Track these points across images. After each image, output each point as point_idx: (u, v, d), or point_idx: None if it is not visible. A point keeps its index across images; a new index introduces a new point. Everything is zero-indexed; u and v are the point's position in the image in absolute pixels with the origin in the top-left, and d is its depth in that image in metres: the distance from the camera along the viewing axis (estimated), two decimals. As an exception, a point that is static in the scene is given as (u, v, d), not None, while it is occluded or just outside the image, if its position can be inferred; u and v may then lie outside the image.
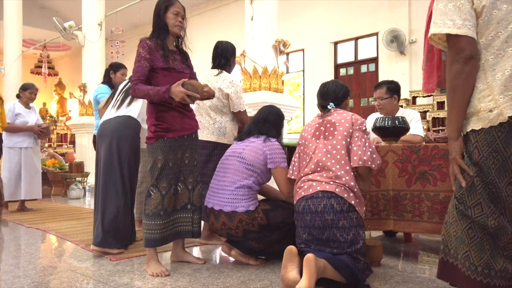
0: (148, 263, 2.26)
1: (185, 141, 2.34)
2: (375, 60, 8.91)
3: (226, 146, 2.95)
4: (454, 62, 1.31)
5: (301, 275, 1.79)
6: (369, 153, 2.03)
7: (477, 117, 1.32)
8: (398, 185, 2.42)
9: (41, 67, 12.67)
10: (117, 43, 8.42)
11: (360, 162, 2.01)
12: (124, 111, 2.83)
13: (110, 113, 2.87)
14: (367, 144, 2.06)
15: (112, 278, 2.15)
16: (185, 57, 2.45)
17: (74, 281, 2.11)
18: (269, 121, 2.52)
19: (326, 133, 2.14)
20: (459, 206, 1.40)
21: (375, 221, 2.47)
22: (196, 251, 2.82)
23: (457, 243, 1.39)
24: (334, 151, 2.06)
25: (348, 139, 2.08)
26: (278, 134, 2.53)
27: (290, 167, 2.29)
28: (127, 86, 2.92)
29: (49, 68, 13.51)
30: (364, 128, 2.11)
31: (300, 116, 10.50)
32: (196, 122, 2.44)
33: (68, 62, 15.46)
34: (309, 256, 1.77)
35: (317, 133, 2.18)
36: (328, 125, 2.16)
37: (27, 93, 4.77)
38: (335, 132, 2.11)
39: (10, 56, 9.86)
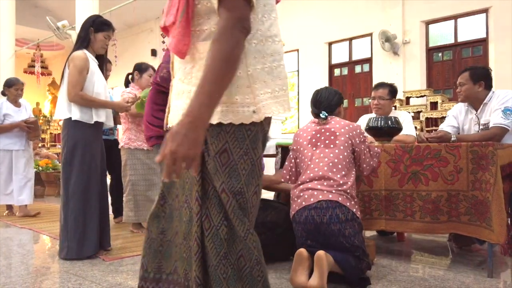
0: None
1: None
2: (369, 60, 8.96)
3: None
4: (236, 28, 0.97)
5: (310, 278, 1.83)
6: (375, 159, 2.21)
7: (229, 109, 1.04)
8: (390, 184, 2.44)
9: (34, 66, 12.59)
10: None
11: (370, 170, 2.20)
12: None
13: None
14: (371, 152, 2.19)
15: (105, 279, 2.15)
16: None
17: (67, 282, 2.10)
18: None
19: (327, 141, 2.14)
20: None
21: (367, 220, 2.48)
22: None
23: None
24: (336, 160, 2.07)
25: (350, 149, 2.13)
26: None
27: (286, 171, 2.27)
28: None
29: (42, 67, 13.43)
30: (363, 139, 2.18)
31: (294, 116, 10.51)
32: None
33: (62, 61, 15.32)
34: (320, 253, 1.81)
35: (314, 140, 2.17)
36: (327, 134, 2.16)
37: (12, 90, 4.41)
38: (337, 141, 2.12)
39: (3, 55, 9.78)
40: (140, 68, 3.63)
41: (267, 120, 1.10)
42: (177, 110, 1.12)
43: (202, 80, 0.95)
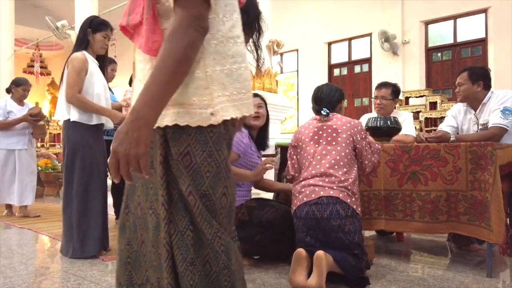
0: None
1: None
2: (368, 60, 8.96)
3: None
4: (191, 27, 0.93)
5: (309, 278, 1.83)
6: (376, 155, 2.23)
7: (185, 110, 1.00)
8: (389, 184, 2.44)
9: (33, 66, 12.58)
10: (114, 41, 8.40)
11: (372, 166, 2.21)
12: None
13: None
14: (372, 149, 2.21)
15: (105, 279, 2.15)
16: None
17: (66, 282, 2.11)
18: None
19: (329, 138, 2.15)
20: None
21: (367, 220, 2.48)
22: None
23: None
24: (338, 157, 2.08)
25: (352, 145, 2.14)
26: None
27: (290, 168, 2.28)
28: None
29: (41, 67, 13.42)
30: (364, 136, 2.19)
31: (294, 116, 10.52)
32: None
33: (61, 61, 15.30)
34: (320, 253, 1.81)
35: (316, 137, 2.18)
36: (329, 130, 2.17)
37: (20, 89, 4.48)
38: (338, 138, 2.13)
39: (2, 55, 9.77)
40: None
41: (231, 122, 1.06)
42: None
43: (149, 79, 0.91)
